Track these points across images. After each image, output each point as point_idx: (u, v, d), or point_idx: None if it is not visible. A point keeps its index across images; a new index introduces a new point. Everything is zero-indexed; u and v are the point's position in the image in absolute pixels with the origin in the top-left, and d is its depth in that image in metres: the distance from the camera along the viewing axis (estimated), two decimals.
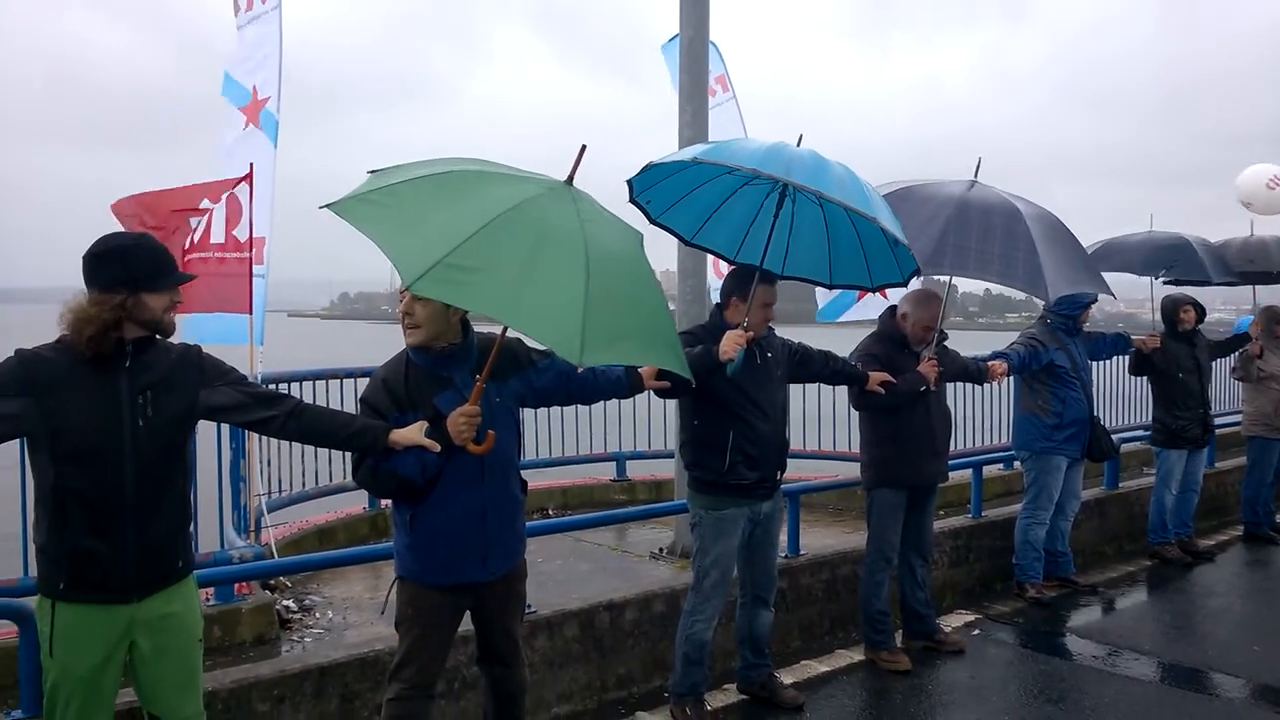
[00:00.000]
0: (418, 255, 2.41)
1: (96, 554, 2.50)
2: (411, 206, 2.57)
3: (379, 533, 7.23)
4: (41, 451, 2.51)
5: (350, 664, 3.61)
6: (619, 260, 2.75)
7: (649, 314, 2.82)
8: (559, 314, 2.46)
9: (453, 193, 2.62)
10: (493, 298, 2.43)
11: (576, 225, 2.62)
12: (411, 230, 2.51)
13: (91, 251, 2.57)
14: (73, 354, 2.52)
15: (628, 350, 2.73)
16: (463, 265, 2.40)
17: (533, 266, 2.49)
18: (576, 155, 2.83)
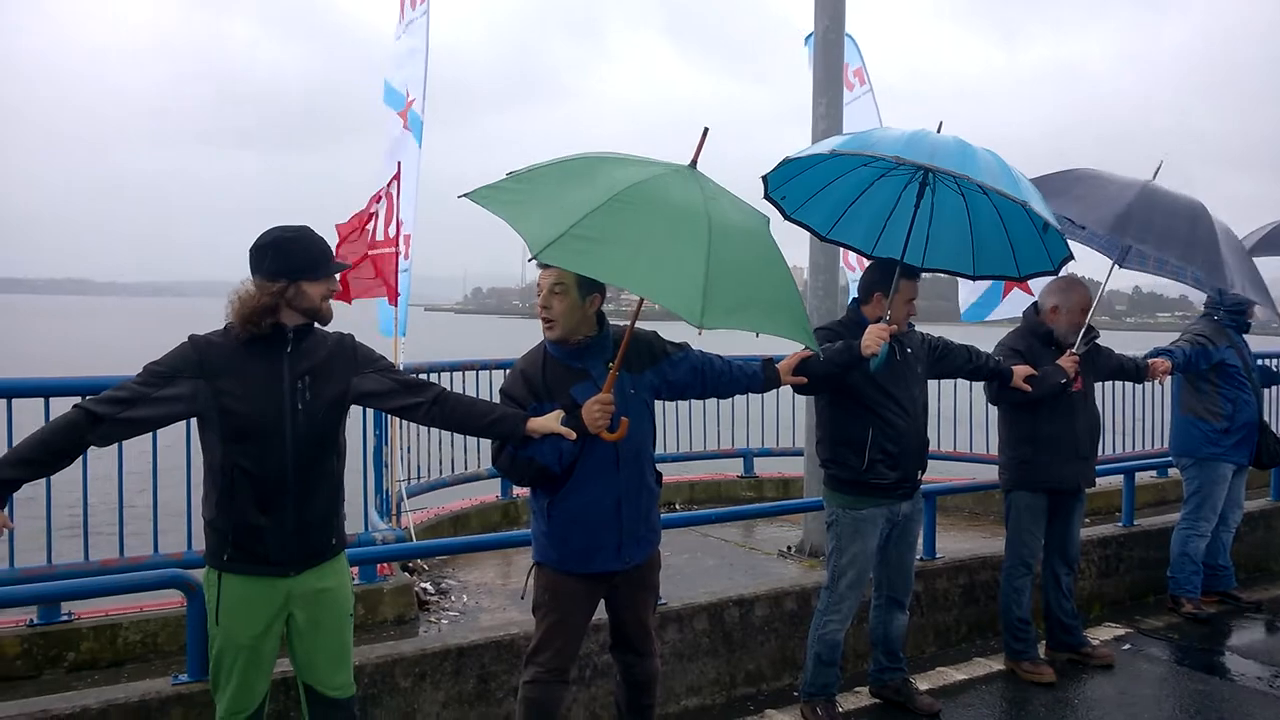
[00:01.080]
0: (544, 228, 2.57)
1: (259, 529, 2.65)
2: (541, 190, 2.74)
3: (511, 520, 7.43)
4: (211, 430, 2.67)
5: (487, 646, 3.71)
6: (743, 234, 2.83)
7: (774, 286, 2.85)
8: (680, 279, 2.56)
9: (579, 175, 2.78)
10: (615, 265, 2.59)
11: (699, 200, 2.73)
12: (539, 209, 2.68)
13: (256, 244, 2.74)
14: (239, 339, 2.68)
15: (750, 318, 2.75)
16: (586, 236, 2.54)
17: (654, 236, 2.62)
18: (700, 138, 2.92)
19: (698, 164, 2.89)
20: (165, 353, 2.69)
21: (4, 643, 4.46)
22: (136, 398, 2.59)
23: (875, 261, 4.02)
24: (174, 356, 2.66)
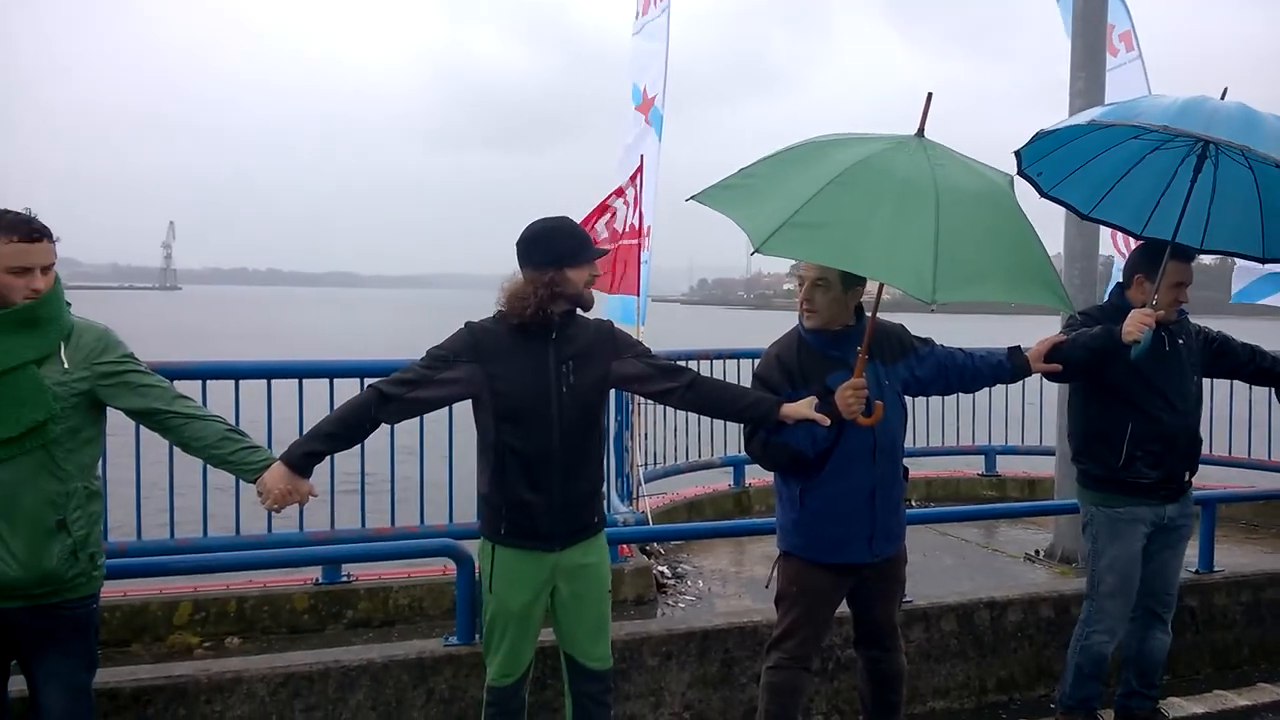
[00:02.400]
0: (765, 221, 2.57)
1: (529, 504, 2.80)
2: (763, 183, 2.75)
3: (743, 509, 7.48)
4: (485, 411, 2.85)
5: (731, 631, 3.75)
6: (977, 200, 2.71)
7: (1017, 251, 2.72)
8: (908, 256, 2.49)
9: (799, 163, 2.77)
10: (837, 248, 2.57)
11: (925, 170, 2.64)
12: (761, 201, 2.68)
13: (523, 236, 2.88)
14: (510, 326, 2.84)
15: (991, 288, 2.64)
16: (807, 223, 2.52)
17: (877, 215, 2.56)
18: (924, 105, 2.85)
19: (925, 131, 2.81)
20: (445, 338, 2.89)
21: (294, 598, 5.00)
22: (420, 379, 2.81)
23: (1143, 243, 3.69)
24: (453, 342, 2.86)
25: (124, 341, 2.72)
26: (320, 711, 3.27)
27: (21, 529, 2.47)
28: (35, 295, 2.51)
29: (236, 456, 2.72)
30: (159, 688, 3.14)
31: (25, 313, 2.50)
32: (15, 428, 2.45)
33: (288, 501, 2.75)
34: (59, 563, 2.52)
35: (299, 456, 2.75)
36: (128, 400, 2.66)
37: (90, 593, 2.64)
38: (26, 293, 2.50)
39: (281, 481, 2.71)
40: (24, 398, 2.47)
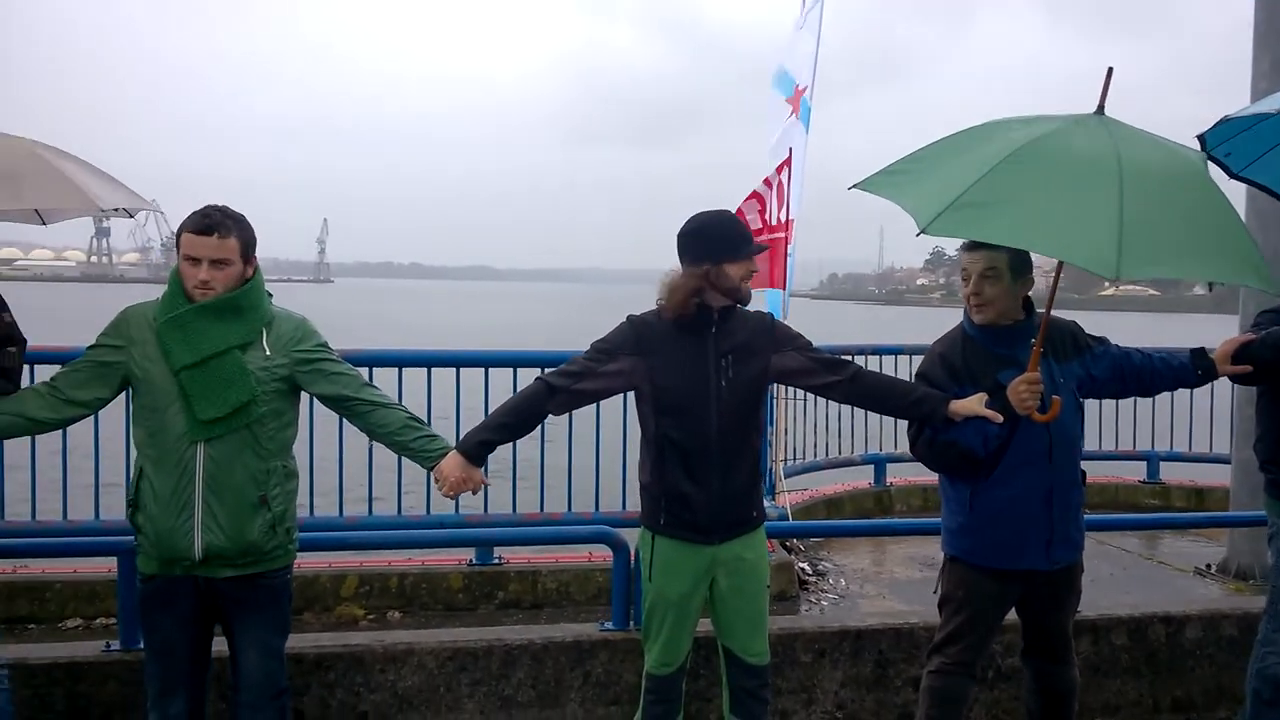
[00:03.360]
0: (931, 202, 2.50)
1: (688, 497, 2.83)
2: (928, 166, 2.70)
3: (884, 508, 7.35)
4: (646, 403, 2.89)
5: (885, 632, 3.70)
6: (1167, 177, 2.59)
7: (1215, 230, 2.56)
8: (1086, 233, 2.40)
9: (968, 145, 2.70)
10: (1008, 226, 2.49)
11: (1108, 147, 2.53)
12: (926, 183, 2.62)
13: (683, 230, 2.90)
14: (670, 319, 2.86)
15: (1183, 265, 2.53)
16: (975, 202, 2.44)
17: (1053, 191, 2.48)
18: (1104, 81, 2.72)
19: (1105, 108, 2.68)
20: (609, 331, 2.95)
21: (450, 577, 5.22)
22: (585, 372, 2.87)
23: None
24: (616, 335, 2.91)
25: (318, 331, 2.90)
26: (485, 687, 3.40)
27: (228, 503, 2.67)
28: (202, 288, 2.67)
29: (416, 444, 2.86)
30: (338, 655, 3.34)
31: (229, 302, 2.70)
32: (223, 408, 2.65)
33: (463, 489, 2.87)
34: (260, 535, 2.71)
35: (473, 446, 2.86)
36: (321, 386, 2.83)
37: (286, 564, 2.84)
38: (195, 282, 2.67)
39: (457, 469, 2.83)
40: (230, 380, 2.66)
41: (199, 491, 2.64)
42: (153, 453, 2.68)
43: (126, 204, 2.88)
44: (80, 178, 2.73)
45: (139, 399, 2.72)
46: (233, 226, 2.70)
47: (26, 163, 2.66)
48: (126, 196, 2.88)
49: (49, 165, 2.69)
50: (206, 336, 2.66)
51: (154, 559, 2.70)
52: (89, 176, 2.78)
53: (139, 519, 2.69)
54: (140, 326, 2.72)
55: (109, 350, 2.73)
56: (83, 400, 2.73)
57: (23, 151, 2.70)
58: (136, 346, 2.70)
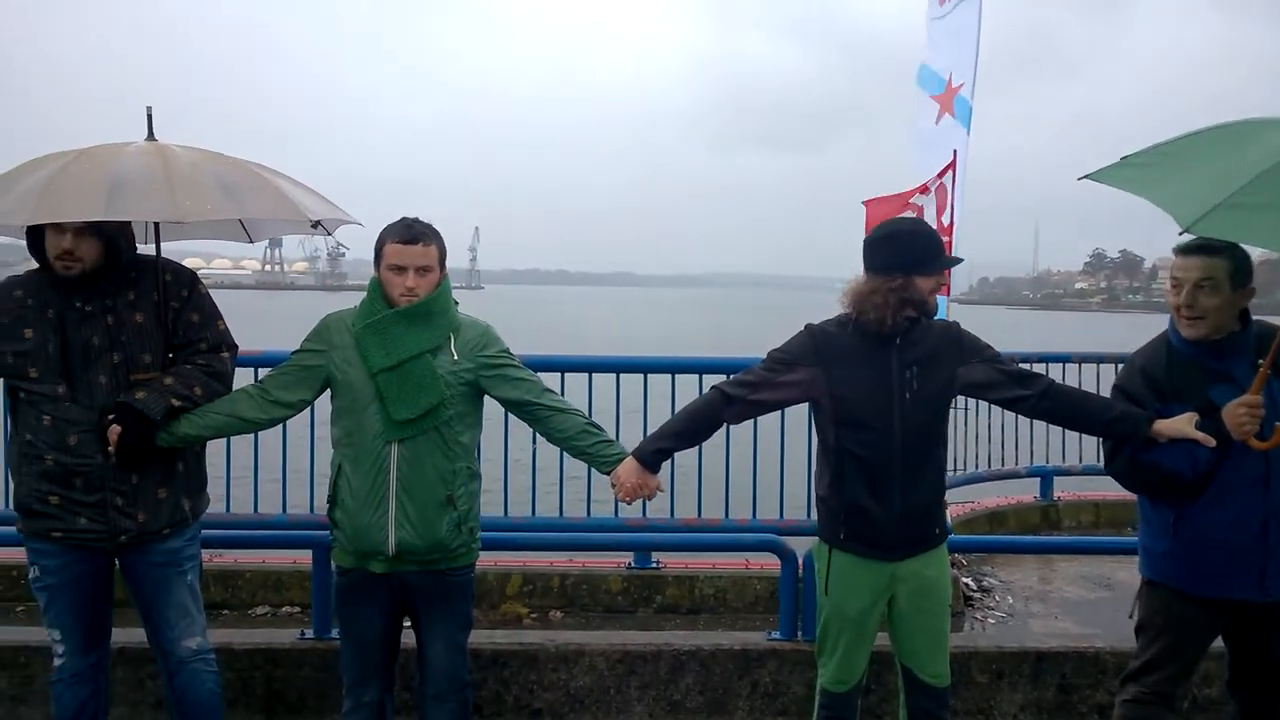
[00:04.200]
0: (1193, 201, 2.36)
1: (869, 512, 2.76)
2: (1177, 161, 2.57)
3: (1051, 523, 7.01)
4: (825, 415, 2.84)
5: (1069, 655, 3.53)
6: None
7: None
8: None
9: (1226, 143, 2.56)
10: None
11: None
12: (1180, 181, 2.50)
13: (873, 237, 2.84)
14: (853, 329, 2.79)
15: None
16: (1250, 204, 2.29)
17: None
18: None
19: None
20: (786, 340, 2.92)
21: (610, 580, 5.29)
22: (761, 382, 2.84)
23: None
24: (794, 345, 2.87)
25: (501, 338, 3.00)
26: (654, 690, 3.44)
27: (419, 501, 2.79)
28: (408, 294, 2.82)
29: (594, 449, 2.92)
30: (513, 652, 3.44)
31: (421, 308, 2.83)
32: (414, 410, 2.78)
33: (639, 495, 2.91)
34: (446, 533, 2.83)
35: (649, 453, 2.90)
36: (504, 391, 2.93)
37: (469, 562, 2.95)
38: (402, 290, 2.82)
39: (633, 476, 2.87)
40: (422, 383, 2.79)
41: (393, 489, 2.78)
42: (350, 451, 2.83)
43: (332, 216, 3.07)
44: (294, 193, 2.93)
45: (338, 400, 2.89)
46: (433, 236, 2.85)
47: (247, 179, 2.87)
48: (331, 210, 3.07)
49: (266, 181, 2.89)
50: (401, 341, 2.80)
51: (350, 553, 2.85)
52: (301, 193, 2.98)
53: (337, 514, 2.85)
54: (340, 331, 2.89)
55: (312, 354, 2.90)
56: (288, 401, 2.92)
57: (242, 169, 2.91)
58: (337, 351, 2.86)
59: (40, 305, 2.80)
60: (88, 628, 2.91)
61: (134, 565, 2.90)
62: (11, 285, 2.87)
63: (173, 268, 2.98)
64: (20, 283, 2.87)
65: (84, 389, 2.77)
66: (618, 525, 5.16)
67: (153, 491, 2.84)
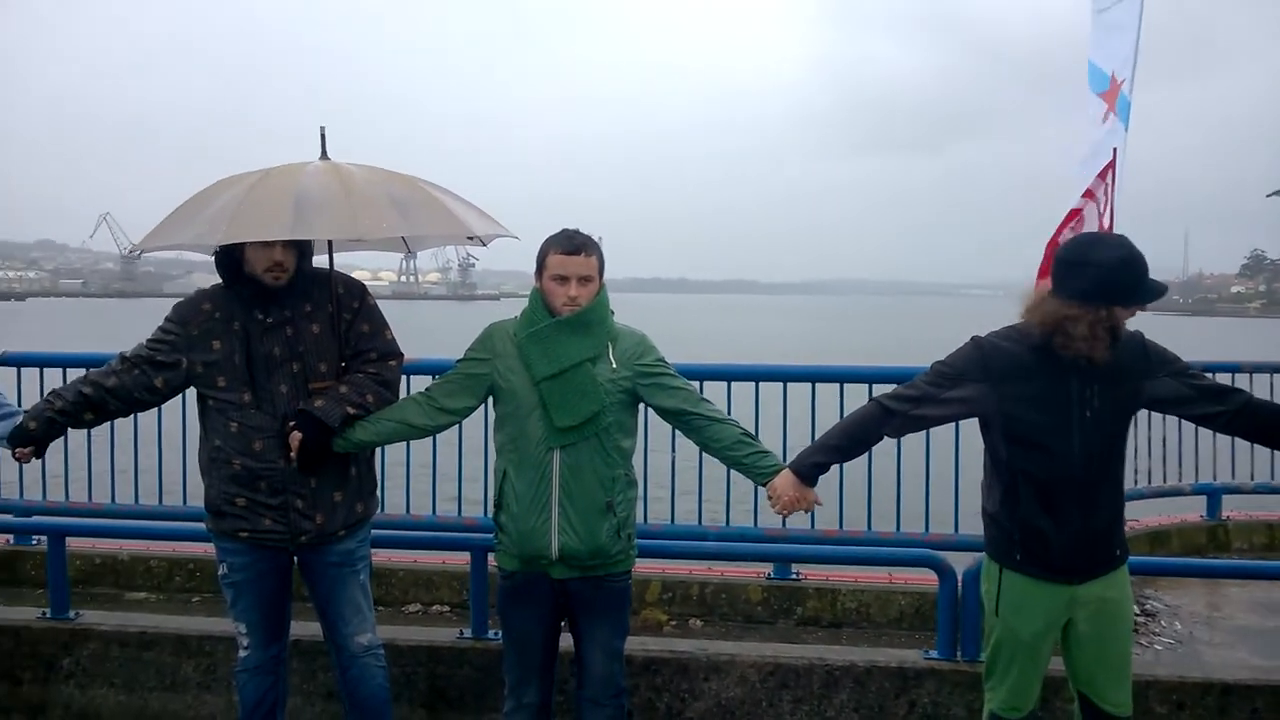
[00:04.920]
0: None
1: (1045, 534, 2.63)
2: None
3: (1218, 545, 6.57)
4: (994, 432, 2.70)
5: (1260, 689, 3.29)
6: None
7: None
8: None
9: None
10: None
11: None
12: None
13: (1069, 257, 2.64)
14: (1028, 344, 2.65)
15: None
16: None
17: None
18: None
19: None
20: (951, 353, 2.80)
21: (749, 589, 5.25)
22: (925, 396, 2.73)
23: None
24: (960, 358, 2.74)
25: (656, 346, 3.03)
26: (807, 705, 3.39)
27: (580, 507, 2.84)
28: (571, 303, 2.87)
29: (749, 460, 2.90)
30: (665, 660, 3.46)
31: (581, 318, 2.88)
32: (576, 417, 2.83)
33: (795, 508, 2.87)
34: (607, 539, 2.86)
35: (807, 466, 2.85)
36: (660, 399, 2.95)
37: (627, 569, 2.98)
38: (564, 299, 2.87)
39: (790, 489, 2.83)
40: (583, 391, 2.84)
41: (555, 495, 2.84)
42: (514, 457, 2.90)
43: (491, 232, 3.16)
44: (458, 209, 3.03)
45: (502, 407, 2.96)
46: (594, 246, 2.90)
47: (417, 195, 2.99)
48: (491, 226, 3.16)
49: (434, 197, 3.01)
50: (563, 350, 2.85)
51: (515, 556, 2.92)
52: (464, 208, 3.08)
53: (502, 518, 2.93)
54: (503, 340, 2.97)
55: (476, 363, 2.99)
56: (454, 409, 3.02)
57: (411, 185, 3.03)
58: (500, 359, 2.94)
59: (226, 318, 2.98)
60: (270, 622, 3.08)
61: (311, 564, 3.05)
62: (199, 299, 3.06)
63: (344, 280, 3.12)
64: (207, 297, 3.06)
65: (267, 397, 2.93)
66: (757, 535, 5.13)
67: (329, 495, 2.98)
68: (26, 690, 3.91)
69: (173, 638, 3.81)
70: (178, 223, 2.94)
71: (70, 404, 2.99)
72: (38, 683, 3.90)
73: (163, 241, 2.96)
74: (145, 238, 3.00)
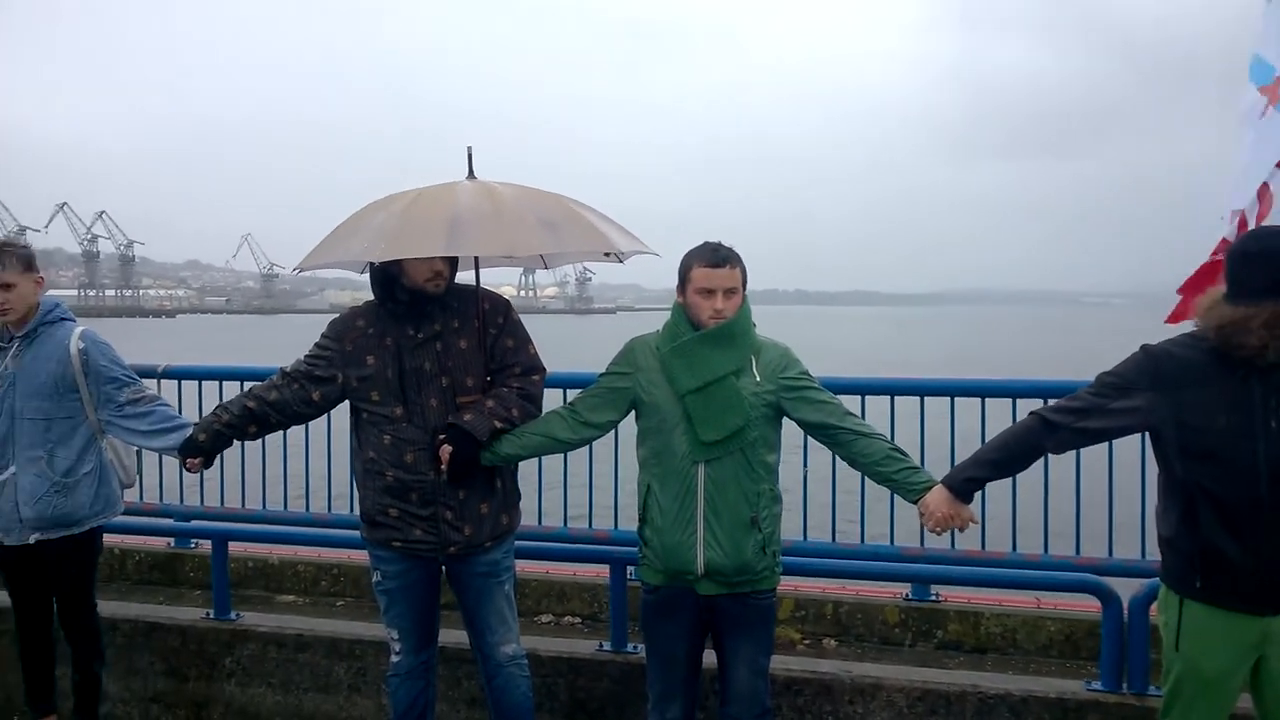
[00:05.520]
0: None
1: (1227, 557, 2.44)
2: None
3: None
4: (1168, 446, 2.53)
5: None
6: None
7: None
8: None
9: None
10: None
11: None
12: None
13: (1245, 250, 2.49)
14: (1205, 349, 2.48)
15: None
16: None
17: None
18: None
19: None
20: (1118, 363, 2.66)
21: (886, 610, 5.09)
22: (1090, 408, 2.59)
23: None
24: (1128, 366, 2.59)
25: (800, 359, 2.98)
26: None
27: (725, 521, 2.81)
28: (717, 315, 2.84)
29: (900, 476, 2.81)
30: (808, 680, 3.39)
31: (724, 330, 2.86)
32: (721, 431, 2.81)
33: (950, 525, 2.77)
34: (752, 555, 2.83)
35: (960, 482, 2.75)
36: (804, 413, 2.90)
37: (772, 586, 2.93)
38: (710, 312, 2.84)
39: (944, 506, 2.74)
40: (727, 404, 2.81)
41: (700, 509, 2.82)
42: (658, 471, 2.90)
43: (633, 248, 3.18)
44: (600, 224, 3.06)
45: (644, 421, 2.96)
46: (737, 259, 2.89)
47: (562, 213, 3.03)
48: (632, 242, 3.18)
49: (578, 215, 3.04)
50: (707, 363, 2.83)
51: (659, 571, 2.91)
52: (606, 224, 3.11)
53: (646, 532, 2.93)
54: (645, 354, 2.97)
55: (619, 377, 3.00)
56: (597, 422, 3.03)
57: (556, 203, 3.08)
58: (643, 373, 2.94)
59: (379, 334, 3.08)
60: (421, 629, 3.16)
61: (459, 574, 3.11)
62: (353, 317, 3.17)
63: (489, 296, 3.18)
64: (360, 314, 3.17)
65: (418, 411, 3.01)
66: (893, 554, 4.97)
67: (476, 506, 3.04)
68: (192, 687, 4.13)
69: (326, 641, 3.96)
70: (335, 242, 3.06)
71: (236, 417, 3.15)
72: (202, 680, 4.11)
73: (322, 260, 3.08)
74: (306, 257, 3.13)
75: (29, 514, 3.45)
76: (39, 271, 3.55)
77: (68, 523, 3.51)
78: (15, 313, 3.45)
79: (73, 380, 3.47)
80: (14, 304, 3.43)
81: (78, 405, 3.50)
